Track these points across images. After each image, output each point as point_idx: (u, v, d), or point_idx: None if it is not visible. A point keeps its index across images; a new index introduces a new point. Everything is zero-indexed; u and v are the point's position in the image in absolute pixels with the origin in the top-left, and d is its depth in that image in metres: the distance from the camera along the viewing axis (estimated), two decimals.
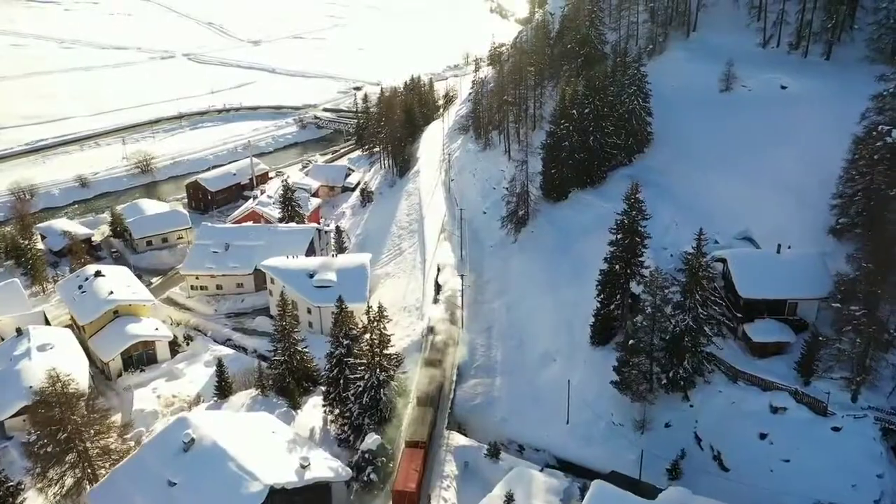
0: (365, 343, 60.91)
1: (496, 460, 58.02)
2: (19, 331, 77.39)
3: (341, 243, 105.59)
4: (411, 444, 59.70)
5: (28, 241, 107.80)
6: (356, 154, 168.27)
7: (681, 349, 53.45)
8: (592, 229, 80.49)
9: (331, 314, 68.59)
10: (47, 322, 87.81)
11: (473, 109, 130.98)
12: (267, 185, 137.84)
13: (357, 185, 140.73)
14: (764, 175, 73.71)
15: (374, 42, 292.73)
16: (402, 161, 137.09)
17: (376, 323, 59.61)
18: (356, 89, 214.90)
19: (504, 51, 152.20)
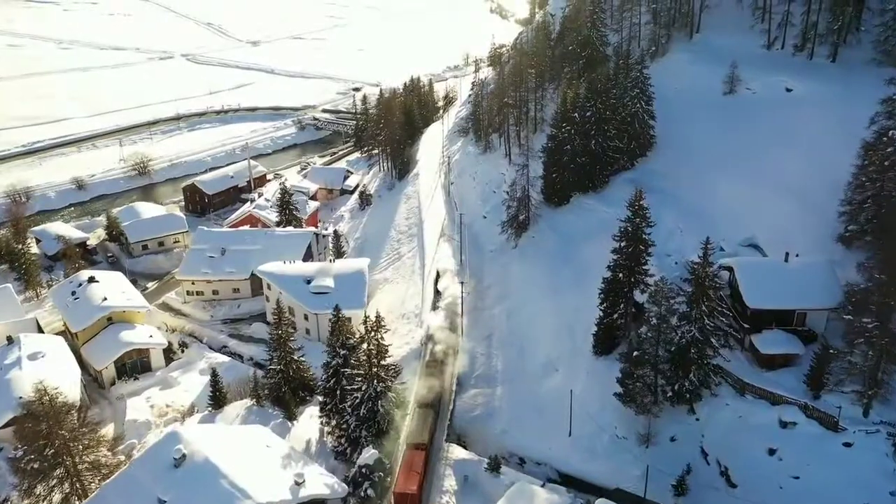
0: (362, 353, 59.44)
1: (497, 474, 56.52)
2: (10, 339, 75.94)
3: (339, 248, 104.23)
4: (412, 447, 59.29)
5: (22, 246, 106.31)
6: (355, 156, 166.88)
7: (687, 361, 51.97)
8: (594, 235, 79.10)
9: (328, 321, 67.28)
10: (40, 329, 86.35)
11: (473, 111, 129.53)
12: (265, 188, 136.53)
13: (356, 188, 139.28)
14: (769, 180, 72.19)
15: (374, 42, 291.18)
16: (402, 164, 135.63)
17: (374, 333, 58.15)
18: (355, 90, 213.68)
19: (504, 52, 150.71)
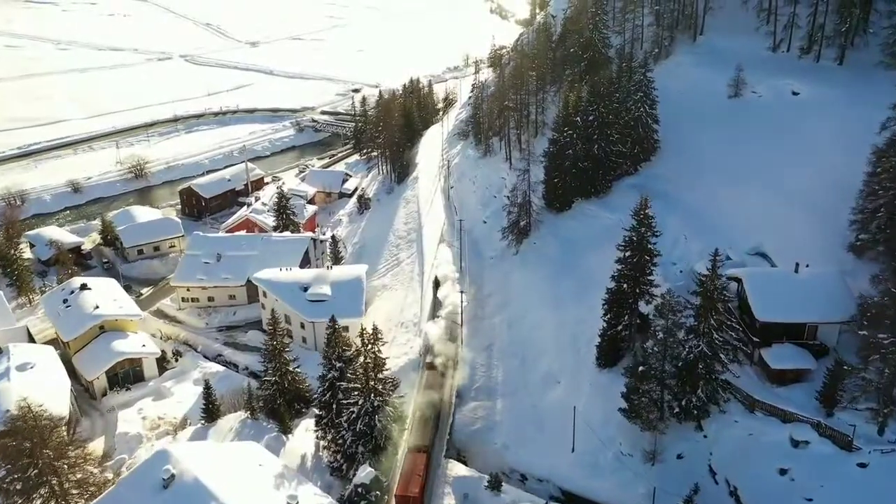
0: (359, 366, 57.68)
1: (498, 493, 54.69)
2: None
3: (337, 253, 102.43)
4: (414, 449, 59.00)
5: (14, 250, 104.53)
6: (354, 159, 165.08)
7: (694, 376, 50.21)
8: (597, 242, 77.43)
9: (325, 330, 65.40)
10: (31, 337, 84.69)
11: (473, 114, 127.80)
12: (262, 192, 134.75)
13: (354, 192, 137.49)
14: (776, 186, 70.45)
15: (374, 43, 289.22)
16: (401, 167, 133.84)
17: (370, 346, 56.38)
18: (354, 91, 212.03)
19: (504, 54, 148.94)
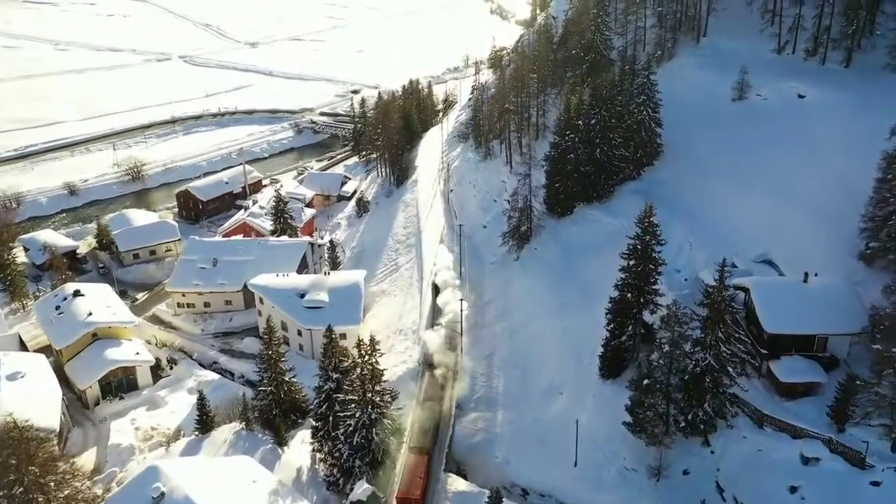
0: (356, 378, 56.16)
1: None
2: None
3: (335, 258, 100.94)
4: (415, 451, 58.68)
5: (8, 255, 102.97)
6: (353, 161, 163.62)
7: (701, 390, 48.72)
8: (599, 247, 76.07)
9: (322, 337, 63.94)
10: (23, 344, 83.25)
11: (473, 116, 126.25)
12: (260, 195, 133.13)
13: (353, 195, 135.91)
14: (783, 191, 68.94)
15: (373, 44, 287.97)
16: (400, 169, 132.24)
17: (368, 357, 54.89)
18: (354, 92, 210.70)
19: (505, 55, 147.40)
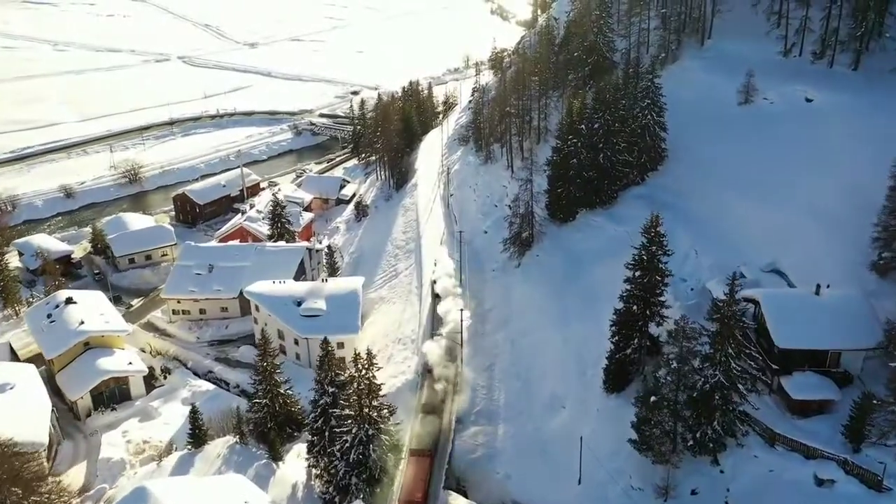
0: (352, 392, 54.45)
1: None
2: None
3: (333, 263, 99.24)
4: (417, 453, 58.84)
5: (0, 259, 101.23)
6: (352, 163, 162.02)
7: (710, 407, 46.97)
8: (603, 254, 74.34)
9: (320, 346, 62.22)
10: (13, 353, 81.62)
11: (474, 119, 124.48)
12: (258, 198, 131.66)
13: (352, 198, 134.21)
14: (791, 198, 67.10)
15: (373, 44, 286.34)
16: (399, 173, 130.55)
17: (364, 371, 53.17)
18: (354, 94, 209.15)
19: (505, 56, 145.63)
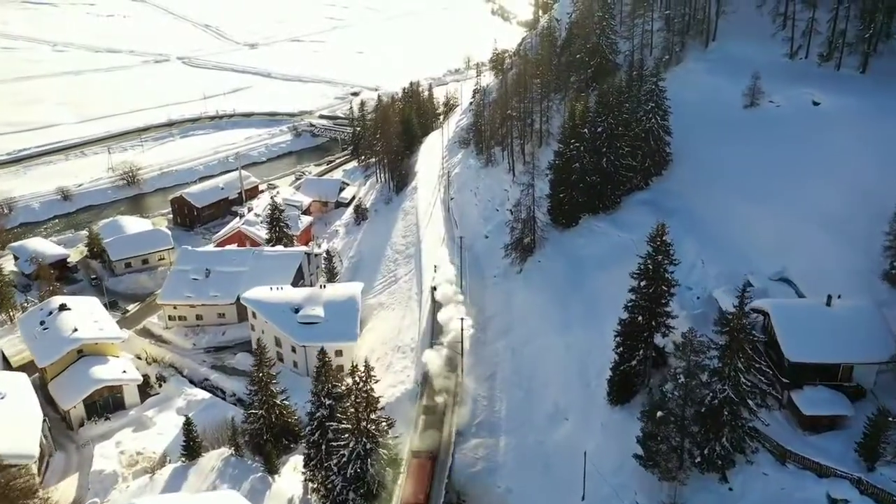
0: (350, 405, 52.99)
1: None
2: None
3: (332, 268, 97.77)
4: (419, 455, 58.67)
5: None
6: (352, 165, 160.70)
7: (719, 423, 45.46)
8: (606, 261, 72.85)
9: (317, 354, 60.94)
10: (6, 360, 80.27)
11: (474, 121, 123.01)
12: (256, 201, 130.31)
13: (351, 201, 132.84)
14: (799, 204, 65.47)
15: (374, 45, 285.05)
16: (399, 175, 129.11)
17: (362, 384, 51.71)
18: (354, 95, 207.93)
19: (507, 57, 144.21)
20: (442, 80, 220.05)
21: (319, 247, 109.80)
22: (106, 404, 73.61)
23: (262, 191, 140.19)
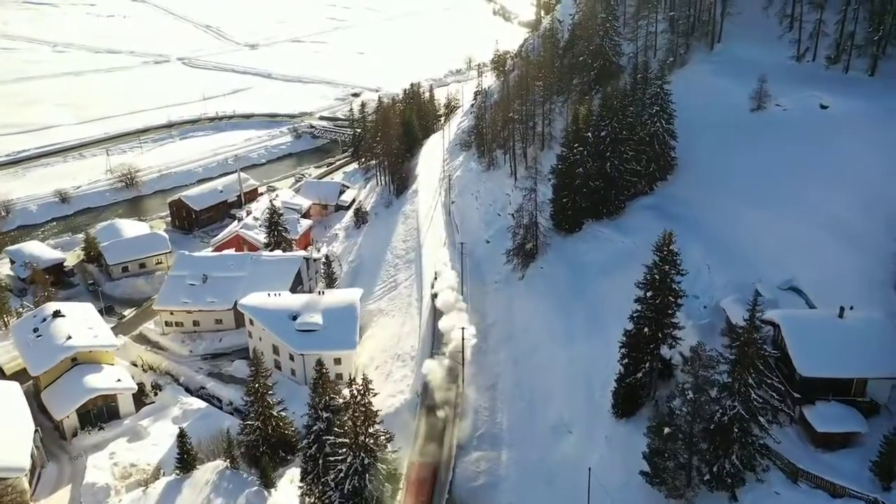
0: (347, 419, 51.57)
1: None
2: None
3: (331, 274, 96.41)
4: (421, 463, 59.10)
5: None
6: (352, 167, 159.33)
7: (728, 440, 44.01)
8: (610, 268, 71.42)
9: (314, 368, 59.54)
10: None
11: (476, 124, 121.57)
12: (255, 203, 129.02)
13: (351, 204, 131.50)
14: (808, 210, 63.90)
15: (375, 45, 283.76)
16: (400, 178, 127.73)
17: (360, 397, 50.29)
18: (354, 96, 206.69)
19: (508, 59, 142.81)
20: (443, 81, 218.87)
21: (319, 251, 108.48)
22: (100, 413, 72.24)
23: (262, 193, 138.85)
